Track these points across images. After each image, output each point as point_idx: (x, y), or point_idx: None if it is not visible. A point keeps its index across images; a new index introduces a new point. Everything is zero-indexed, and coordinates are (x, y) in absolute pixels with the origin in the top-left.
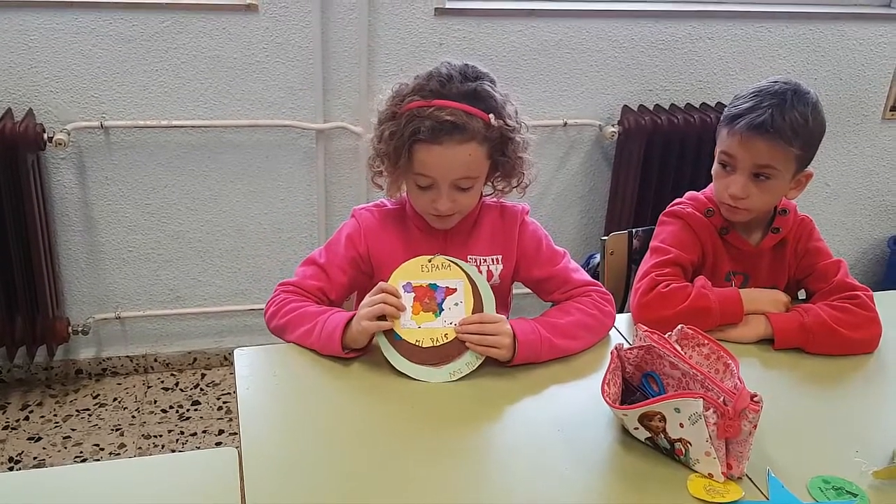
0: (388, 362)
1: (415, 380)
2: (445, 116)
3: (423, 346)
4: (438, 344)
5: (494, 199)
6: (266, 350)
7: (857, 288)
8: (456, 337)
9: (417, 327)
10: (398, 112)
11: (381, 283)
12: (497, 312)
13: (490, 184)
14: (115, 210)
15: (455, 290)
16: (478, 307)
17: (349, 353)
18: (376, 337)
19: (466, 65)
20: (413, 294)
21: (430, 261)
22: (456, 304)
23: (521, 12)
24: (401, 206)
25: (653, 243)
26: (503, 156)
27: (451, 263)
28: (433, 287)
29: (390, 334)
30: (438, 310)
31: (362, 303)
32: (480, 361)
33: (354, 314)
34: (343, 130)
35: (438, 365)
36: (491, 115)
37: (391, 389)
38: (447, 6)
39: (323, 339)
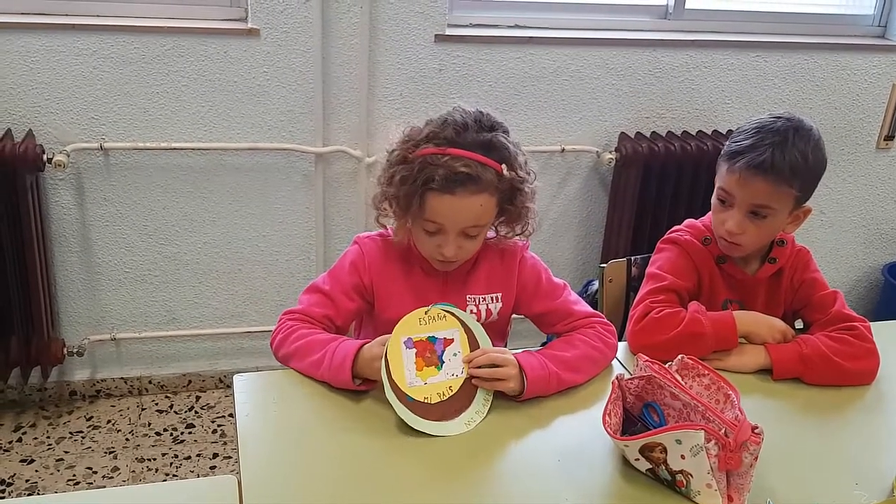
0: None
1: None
2: (460, 168)
3: (433, 402)
4: (445, 398)
5: (494, 237)
6: (265, 375)
7: (855, 319)
8: (461, 387)
9: (423, 384)
10: (410, 157)
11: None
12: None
13: (494, 227)
14: (112, 231)
15: (452, 339)
16: None
17: (361, 384)
18: (391, 403)
19: (481, 112)
20: (415, 350)
21: (426, 312)
22: (455, 355)
23: (520, 39)
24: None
25: (649, 269)
26: (510, 205)
27: (447, 314)
28: (432, 340)
29: (403, 397)
30: (440, 363)
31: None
32: (488, 406)
33: (363, 343)
34: (342, 154)
35: (453, 418)
36: (504, 166)
37: (392, 419)
38: (447, 32)
39: (333, 370)
